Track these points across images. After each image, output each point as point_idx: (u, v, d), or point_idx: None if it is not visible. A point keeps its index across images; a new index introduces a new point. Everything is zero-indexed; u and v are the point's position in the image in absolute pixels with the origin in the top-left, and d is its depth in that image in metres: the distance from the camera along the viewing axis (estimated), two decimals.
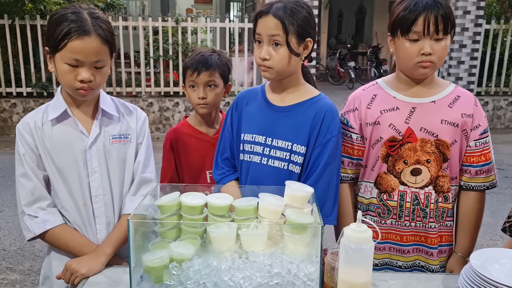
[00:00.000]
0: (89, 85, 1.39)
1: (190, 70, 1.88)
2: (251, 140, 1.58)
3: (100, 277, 1.38)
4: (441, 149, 1.55)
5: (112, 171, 1.53)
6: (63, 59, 1.36)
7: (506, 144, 6.95)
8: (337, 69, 13.94)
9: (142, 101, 7.38)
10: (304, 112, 1.54)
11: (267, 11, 1.47)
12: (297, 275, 1.14)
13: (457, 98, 1.58)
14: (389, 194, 1.61)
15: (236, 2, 20.71)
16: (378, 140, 1.60)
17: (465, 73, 7.81)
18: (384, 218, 1.63)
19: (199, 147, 1.95)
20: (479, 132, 1.57)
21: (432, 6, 1.44)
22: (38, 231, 1.46)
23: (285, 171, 1.53)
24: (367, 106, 1.62)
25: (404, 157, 1.57)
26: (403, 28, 1.47)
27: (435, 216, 1.60)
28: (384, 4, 15.92)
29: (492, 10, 9.16)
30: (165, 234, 1.29)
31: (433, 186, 1.58)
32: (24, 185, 1.47)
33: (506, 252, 1.27)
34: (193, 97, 1.90)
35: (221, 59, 1.92)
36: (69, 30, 1.33)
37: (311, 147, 1.53)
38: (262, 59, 1.49)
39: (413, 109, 1.56)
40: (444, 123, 1.55)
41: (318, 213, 1.21)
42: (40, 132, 1.47)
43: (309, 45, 1.52)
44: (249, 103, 1.65)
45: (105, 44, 1.40)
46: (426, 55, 1.46)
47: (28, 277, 3.12)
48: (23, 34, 7.01)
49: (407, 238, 1.62)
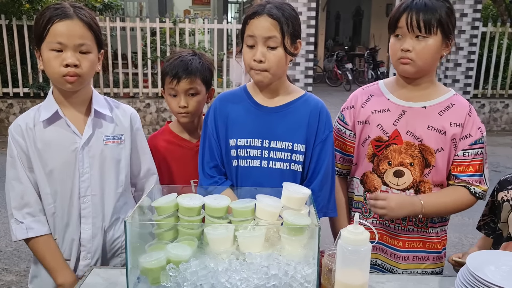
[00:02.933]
0: (74, 71, 1.38)
1: (169, 77, 1.75)
2: (246, 145, 1.54)
3: (97, 279, 1.38)
4: (424, 154, 1.55)
5: (105, 172, 1.52)
6: (48, 45, 1.37)
7: (502, 146, 6.97)
8: (334, 71, 13.97)
9: (139, 102, 7.37)
10: (298, 110, 1.54)
11: (261, 11, 1.43)
12: (294, 276, 1.14)
13: (450, 106, 1.57)
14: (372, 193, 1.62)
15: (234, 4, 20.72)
16: (366, 138, 1.63)
17: (461, 75, 7.83)
18: (366, 217, 1.66)
19: (182, 155, 1.84)
20: (468, 142, 1.55)
21: (418, 5, 1.47)
22: (20, 237, 1.48)
23: (288, 171, 1.53)
24: (362, 105, 1.66)
25: (389, 158, 1.58)
26: (390, 24, 1.53)
27: (414, 222, 1.60)
28: (381, 6, 15.98)
29: (488, 12, 9.21)
30: (162, 235, 1.29)
31: (415, 190, 1.58)
32: (15, 188, 1.47)
33: (503, 254, 1.28)
34: (174, 105, 1.79)
35: (202, 63, 1.79)
36: (51, 15, 1.37)
37: (310, 145, 1.54)
38: (258, 61, 1.44)
39: (403, 112, 1.58)
40: (430, 129, 1.55)
41: (315, 214, 1.21)
42: (32, 133, 1.46)
43: (299, 46, 1.51)
44: (233, 106, 1.58)
45: (89, 29, 1.41)
46: (405, 51, 1.48)
47: (24, 278, 3.11)
48: (20, 35, 6.99)
49: (387, 240, 1.63)
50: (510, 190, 1.53)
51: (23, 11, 6.86)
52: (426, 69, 1.54)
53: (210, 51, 7.83)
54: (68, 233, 1.52)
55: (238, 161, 1.56)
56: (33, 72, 7.16)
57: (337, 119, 1.73)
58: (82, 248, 1.53)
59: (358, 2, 18.40)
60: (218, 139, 1.59)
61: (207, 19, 7.68)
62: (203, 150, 1.62)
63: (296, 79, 7.54)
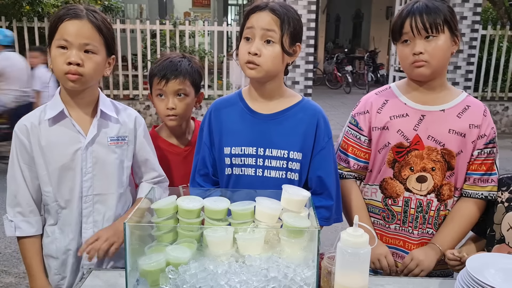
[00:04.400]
0: (76, 69, 1.38)
1: (157, 78, 1.70)
2: (240, 153, 1.49)
3: (96, 281, 1.38)
4: (447, 158, 1.55)
5: (108, 173, 1.53)
6: (55, 43, 1.39)
7: (502, 149, 6.99)
8: (334, 73, 14.00)
9: (139, 104, 7.38)
10: (294, 117, 1.50)
11: (264, 6, 1.41)
12: (294, 279, 1.14)
13: (467, 108, 1.57)
14: (394, 200, 1.61)
15: (234, 6, 20.76)
16: (385, 145, 1.60)
17: (461, 78, 7.85)
18: (388, 222, 1.64)
19: (170, 161, 1.79)
20: (483, 141, 1.56)
21: (419, 8, 1.48)
22: (8, 234, 1.52)
23: (284, 180, 1.48)
24: (378, 111, 1.62)
25: (411, 164, 1.57)
26: (395, 32, 1.53)
27: (434, 224, 1.60)
28: (381, 9, 16.02)
29: (488, 15, 9.24)
30: (162, 237, 1.29)
31: (436, 194, 1.58)
32: (11, 187, 1.51)
33: (502, 257, 1.28)
34: (161, 107, 1.73)
35: (191, 65, 1.75)
36: (62, 15, 1.39)
37: (307, 153, 1.50)
38: (252, 53, 1.38)
39: (422, 116, 1.56)
40: (451, 133, 1.54)
41: (315, 217, 1.21)
42: (37, 130, 1.47)
43: (298, 50, 1.48)
44: (228, 113, 1.54)
45: (97, 32, 1.41)
46: (417, 54, 1.48)
47: (23, 280, 3.10)
48: (20, 36, 7.00)
49: (409, 246, 1.62)
50: (505, 191, 1.53)
51: (23, 13, 6.87)
52: (440, 68, 1.53)
53: (210, 53, 7.85)
54: (70, 232, 1.53)
55: (232, 169, 1.51)
56: None
57: (348, 124, 1.69)
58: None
59: (358, 4, 18.45)
60: (212, 147, 1.56)
61: (207, 21, 7.69)
62: (196, 157, 1.60)
63: (296, 81, 7.55)
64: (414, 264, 1.54)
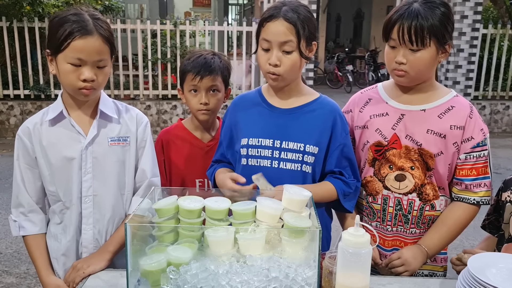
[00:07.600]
0: (91, 85, 1.41)
1: (191, 74, 1.78)
2: (257, 144, 1.54)
3: (97, 281, 1.38)
4: (424, 158, 1.54)
5: (108, 173, 1.53)
6: (66, 59, 1.39)
7: (503, 148, 6.97)
8: (335, 73, 13.98)
9: (140, 104, 7.37)
10: (312, 112, 1.55)
11: (277, 14, 1.43)
12: (295, 279, 1.14)
13: (450, 109, 1.54)
14: (374, 197, 1.62)
15: (235, 6, 20.76)
16: (365, 143, 1.62)
17: (462, 77, 7.84)
18: (370, 219, 1.66)
19: (191, 153, 1.86)
20: (470, 145, 1.52)
21: (410, 15, 1.42)
22: (14, 234, 1.57)
23: (298, 172, 1.52)
24: (360, 110, 1.65)
25: (390, 162, 1.57)
26: (384, 34, 1.51)
27: (417, 223, 1.59)
28: (382, 8, 16.00)
29: (489, 14, 9.21)
30: (163, 237, 1.29)
31: (418, 194, 1.56)
32: (14, 188, 1.55)
33: (504, 256, 1.27)
34: (194, 102, 1.81)
35: (222, 62, 1.84)
36: (72, 30, 1.36)
37: (323, 147, 1.53)
38: (273, 65, 1.45)
39: (401, 116, 1.56)
40: (430, 133, 1.53)
41: (316, 217, 1.21)
42: (38, 131, 1.50)
43: (314, 48, 1.52)
44: (247, 109, 1.62)
45: (106, 43, 1.43)
46: (398, 63, 1.48)
47: (24, 280, 3.10)
48: (21, 37, 7.00)
49: (388, 243, 1.63)
50: None
51: (24, 13, 6.86)
52: (421, 78, 1.52)
53: None
54: (71, 232, 1.53)
55: (247, 160, 1.56)
56: (34, 74, 7.16)
57: None
58: (84, 250, 1.54)
59: (358, 4, 18.44)
60: (230, 139, 1.64)
61: (208, 21, 7.68)
62: (218, 145, 1.72)
63: None
64: (400, 263, 1.53)
